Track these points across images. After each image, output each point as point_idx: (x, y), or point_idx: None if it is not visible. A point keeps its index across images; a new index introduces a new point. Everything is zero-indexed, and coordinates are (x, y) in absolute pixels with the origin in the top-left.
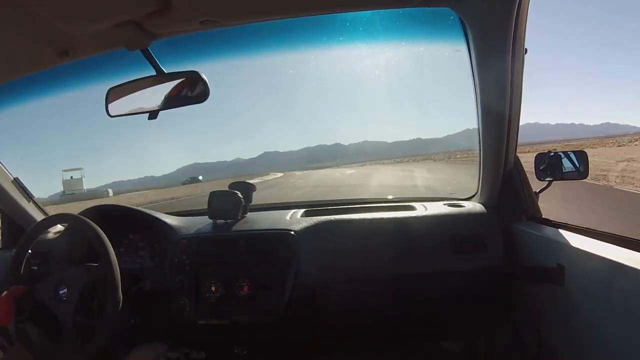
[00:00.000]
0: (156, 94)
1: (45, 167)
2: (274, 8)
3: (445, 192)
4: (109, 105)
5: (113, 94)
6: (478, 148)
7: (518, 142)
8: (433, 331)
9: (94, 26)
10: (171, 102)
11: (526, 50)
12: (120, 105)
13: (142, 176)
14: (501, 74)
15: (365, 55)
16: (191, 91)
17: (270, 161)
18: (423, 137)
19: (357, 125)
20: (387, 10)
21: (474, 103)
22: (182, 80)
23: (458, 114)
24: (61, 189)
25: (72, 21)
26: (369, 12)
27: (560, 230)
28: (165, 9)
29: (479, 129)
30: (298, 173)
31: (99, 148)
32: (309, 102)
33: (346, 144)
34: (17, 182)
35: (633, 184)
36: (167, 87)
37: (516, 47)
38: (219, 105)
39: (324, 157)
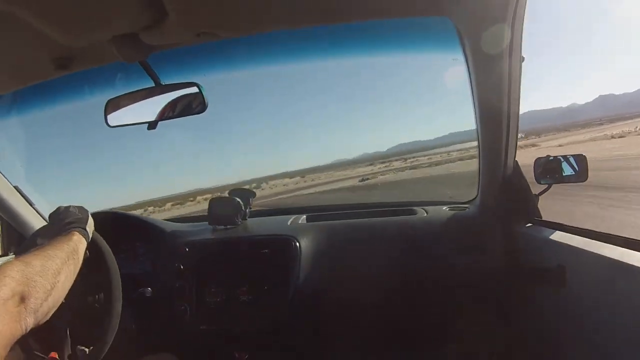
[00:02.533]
0: (155, 105)
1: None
2: (271, 20)
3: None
4: (108, 116)
5: (112, 106)
6: (477, 153)
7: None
8: (435, 333)
9: (92, 39)
10: (170, 113)
11: (523, 58)
12: (119, 116)
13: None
14: (499, 82)
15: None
16: (190, 102)
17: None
18: None
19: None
20: (384, 20)
21: (472, 109)
22: (181, 91)
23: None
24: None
25: (69, 34)
26: (366, 22)
27: (561, 232)
28: (162, 21)
29: (477, 134)
30: None
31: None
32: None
33: None
34: (17, 189)
35: None
36: (166, 98)
37: (513, 55)
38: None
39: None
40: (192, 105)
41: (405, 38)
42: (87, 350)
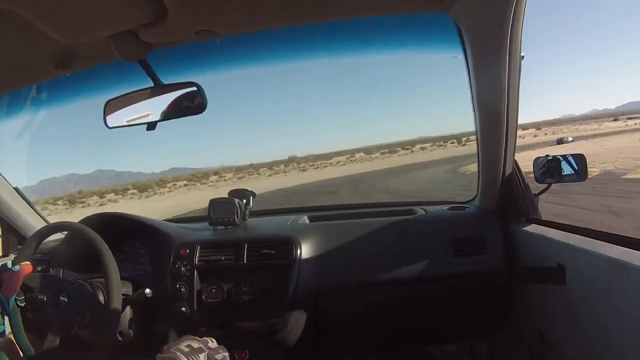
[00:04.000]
0: (154, 105)
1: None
2: (270, 18)
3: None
4: (107, 117)
5: (111, 106)
6: (477, 152)
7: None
8: (435, 334)
9: (90, 37)
10: (170, 113)
11: (523, 56)
12: (118, 117)
13: None
14: (498, 79)
15: (364, 62)
16: (189, 102)
17: None
18: None
19: None
20: (384, 17)
21: (471, 108)
22: (180, 91)
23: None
24: None
25: (68, 32)
26: (366, 19)
27: (561, 231)
28: (162, 19)
29: (477, 133)
30: None
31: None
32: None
33: None
34: (16, 191)
35: None
36: (165, 98)
37: (512, 53)
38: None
39: None
40: (191, 106)
41: (405, 35)
42: None
